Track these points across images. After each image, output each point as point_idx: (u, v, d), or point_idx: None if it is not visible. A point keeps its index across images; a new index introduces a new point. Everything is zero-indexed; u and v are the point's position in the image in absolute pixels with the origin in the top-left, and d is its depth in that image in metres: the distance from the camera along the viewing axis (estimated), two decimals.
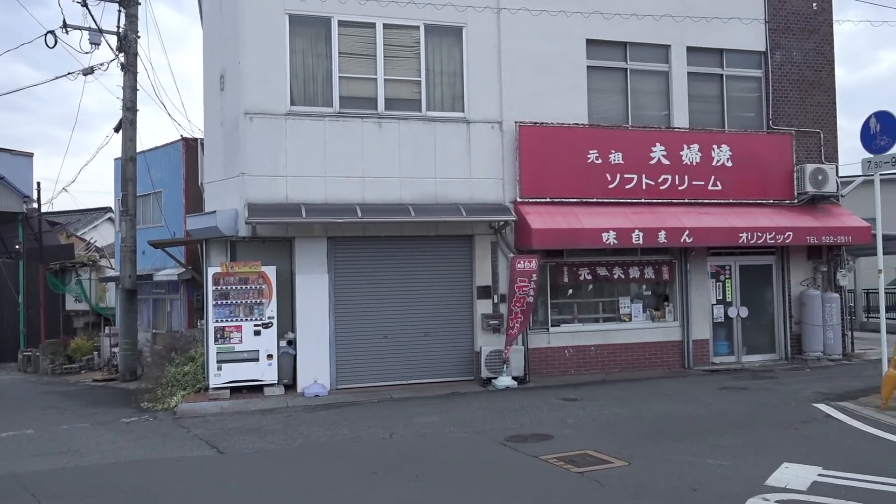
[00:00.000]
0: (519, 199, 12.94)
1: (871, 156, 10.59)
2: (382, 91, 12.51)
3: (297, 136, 12.03)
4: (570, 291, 13.75)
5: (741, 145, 14.23)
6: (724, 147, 14.11)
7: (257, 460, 7.65)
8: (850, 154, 36.86)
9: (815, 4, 15.25)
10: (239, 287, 11.69)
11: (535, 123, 13.08)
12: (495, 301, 12.95)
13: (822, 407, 9.48)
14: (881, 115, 10.42)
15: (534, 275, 12.09)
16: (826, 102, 15.20)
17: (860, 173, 12.01)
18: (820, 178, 14.34)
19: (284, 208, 11.69)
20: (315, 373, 11.95)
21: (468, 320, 12.97)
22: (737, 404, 9.85)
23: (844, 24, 20.00)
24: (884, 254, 20.93)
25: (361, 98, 12.49)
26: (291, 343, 12.12)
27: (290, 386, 12.06)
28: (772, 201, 14.42)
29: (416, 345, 12.68)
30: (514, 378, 12.40)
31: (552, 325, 13.42)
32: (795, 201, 14.55)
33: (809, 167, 14.34)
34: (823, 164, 14.65)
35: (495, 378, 12.33)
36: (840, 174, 15.44)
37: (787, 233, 13.67)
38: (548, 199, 13.05)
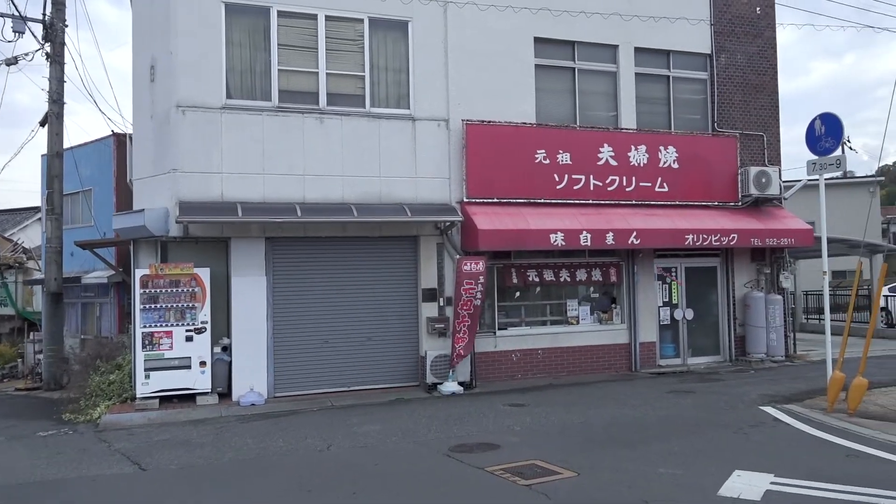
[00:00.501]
0: (465, 200, 12.60)
1: (816, 157, 10.60)
2: (324, 86, 12.01)
3: (233, 131, 11.43)
4: (518, 294, 13.48)
5: (687, 147, 14.21)
6: (671, 149, 14.06)
7: (181, 478, 7.08)
8: (787, 160, 37.78)
9: (758, 9, 15.36)
10: (169, 290, 11.02)
11: (483, 122, 12.76)
12: (441, 304, 12.58)
13: (770, 410, 9.39)
14: (826, 118, 10.43)
15: (481, 277, 11.76)
16: (769, 106, 15.33)
17: (798, 177, 12.26)
18: (763, 180, 14.42)
19: (219, 207, 11.07)
20: (251, 380, 11.36)
21: (413, 324, 12.56)
22: (685, 408, 9.69)
23: (778, 34, 20.27)
24: (833, 255, 21.33)
25: (302, 92, 11.97)
26: (226, 349, 11.51)
27: (225, 394, 11.44)
28: (717, 203, 14.43)
29: (358, 350, 12.20)
30: (461, 383, 12.05)
31: (499, 329, 13.12)
32: (739, 204, 14.60)
33: (753, 170, 14.41)
34: (767, 166, 14.75)
35: (441, 384, 11.96)
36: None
37: (732, 235, 13.69)
38: (495, 200, 12.75)
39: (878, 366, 12.46)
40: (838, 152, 10.30)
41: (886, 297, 21.53)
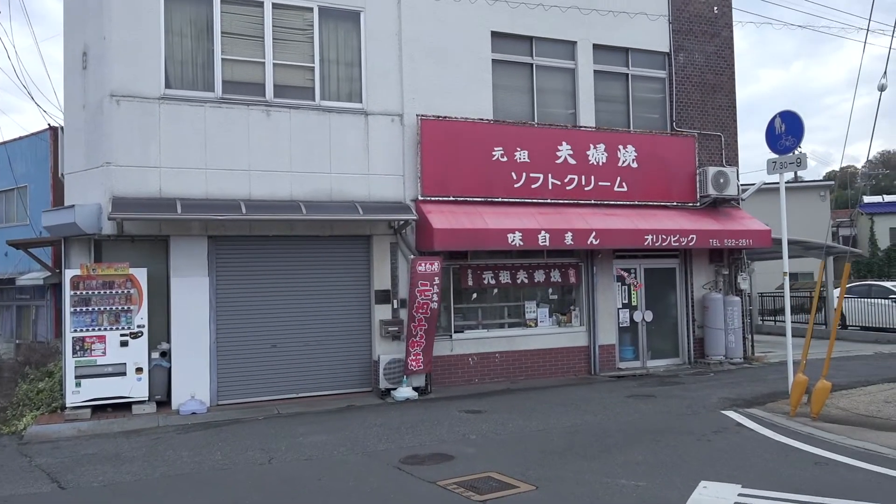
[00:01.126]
0: (420, 198, 12.13)
1: (777, 156, 10.42)
2: (271, 76, 11.42)
3: (173, 122, 10.76)
4: (475, 296, 13.05)
5: (646, 146, 13.99)
6: (630, 148, 13.82)
7: (103, 497, 6.44)
8: (740, 164, 38.14)
9: (715, 8, 15.25)
10: (102, 292, 10.29)
11: (438, 117, 12.31)
12: (395, 306, 12.08)
13: (732, 415, 9.13)
14: (786, 116, 10.26)
15: (436, 278, 11.30)
16: (726, 106, 15.23)
17: (751, 181, 12.14)
18: (722, 180, 14.28)
19: (156, 203, 10.39)
20: (193, 387, 10.69)
21: (366, 327, 12.04)
22: (646, 414, 9.37)
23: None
24: (777, 258, 21.35)
25: (248, 83, 11.35)
26: (165, 354, 10.81)
27: (165, 403, 10.75)
28: (675, 204, 14.25)
29: (308, 354, 11.62)
30: (415, 389, 11.57)
31: (455, 332, 12.67)
32: (698, 204, 14.44)
33: (711, 170, 14.26)
34: (725, 167, 14.61)
35: (395, 389, 11.46)
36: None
37: (691, 235, 13.50)
38: (451, 198, 12.31)
39: (836, 367, 12.33)
40: (798, 151, 10.13)
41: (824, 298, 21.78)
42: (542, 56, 13.59)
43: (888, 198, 45.63)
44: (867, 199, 46.46)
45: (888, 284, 22.43)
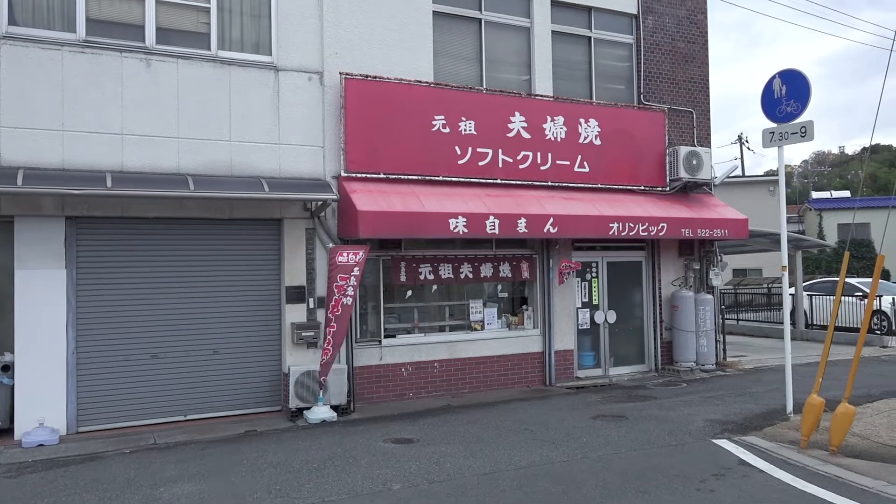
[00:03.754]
0: (344, 174, 9.95)
1: (775, 125, 8.59)
2: (153, 17, 9.06)
3: (18, 69, 8.31)
4: (410, 293, 10.94)
5: (610, 121, 12.08)
6: (592, 122, 11.89)
7: None
8: None
9: None
10: None
11: (367, 77, 10.13)
12: (311, 306, 9.87)
13: (728, 446, 7.24)
14: (788, 76, 8.44)
15: (355, 269, 9.13)
16: (699, 78, 13.45)
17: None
18: (695, 162, 12.50)
19: None
20: (42, 411, 8.29)
21: (274, 332, 9.80)
22: (621, 446, 7.41)
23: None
24: (744, 251, 19.83)
25: (122, 24, 8.98)
26: (7, 368, 8.39)
27: (7, 430, 8.34)
28: (643, 188, 12.40)
29: (200, 366, 9.34)
30: (334, 407, 9.41)
31: (386, 337, 10.53)
32: (667, 189, 12.63)
33: (683, 150, 12.45)
34: (697, 147, 12.83)
35: (309, 408, 9.27)
36: None
37: (662, 224, 11.66)
38: (381, 175, 10.16)
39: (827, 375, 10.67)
40: (804, 117, 8.31)
41: (793, 295, 20.42)
42: (492, 11, 11.53)
43: (836, 194, 45.39)
44: (815, 194, 46.17)
45: (853, 281, 21.23)
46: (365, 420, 9.20)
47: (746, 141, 50.64)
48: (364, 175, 10.05)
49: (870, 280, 21.44)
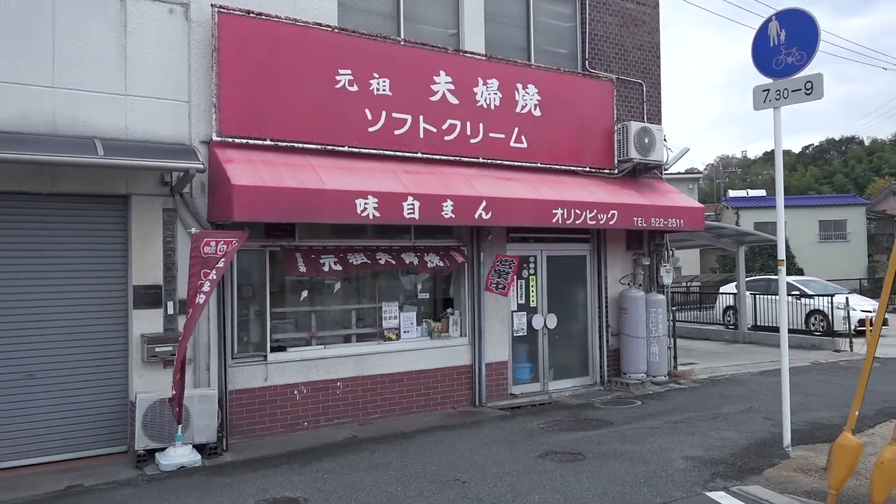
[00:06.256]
0: (218, 139, 7.56)
1: (770, 81, 6.79)
2: None
3: None
4: (306, 294, 8.65)
5: (552, 88, 10.14)
6: (531, 88, 9.91)
7: None
8: None
9: None
10: None
11: (249, 14, 7.77)
12: (170, 312, 7.44)
13: (729, 503, 5.34)
14: (788, 17, 6.66)
15: (220, 262, 6.77)
16: (649, 46, 11.71)
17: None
18: (647, 140, 10.73)
19: None
20: None
21: (118, 348, 7.32)
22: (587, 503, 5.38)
23: None
24: (688, 246, 18.37)
25: None
26: None
27: None
28: (588, 169, 10.53)
29: (8, 396, 6.76)
30: (200, 447, 7.04)
31: (274, 350, 8.20)
32: (615, 171, 10.81)
33: (634, 126, 10.66)
34: (649, 123, 11.07)
35: (163, 450, 6.86)
36: None
37: (612, 211, 9.81)
38: (269, 142, 7.83)
39: (796, 389, 9.06)
40: (808, 70, 6.53)
41: (732, 294, 19.24)
42: None
43: (753, 192, 45.58)
44: (732, 193, 46.28)
45: (790, 279, 20.24)
46: (239, 465, 6.86)
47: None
48: (245, 141, 7.69)
49: (808, 279, 20.56)
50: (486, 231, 9.61)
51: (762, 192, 47.15)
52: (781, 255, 6.71)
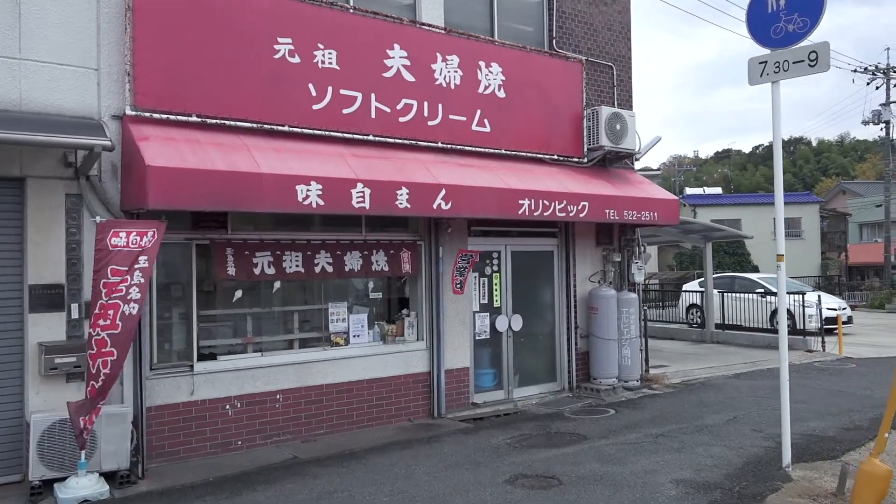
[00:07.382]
0: (132, 113, 6.45)
1: (768, 52, 6.00)
2: None
3: None
4: (240, 294, 7.59)
5: (517, 68, 9.26)
6: (495, 67, 9.01)
7: None
8: None
9: None
10: None
11: None
12: (74, 316, 6.31)
13: None
14: None
15: (141, 259, 5.70)
16: (620, 26, 10.93)
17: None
18: (618, 127, 9.93)
19: None
20: None
21: (13, 358, 6.17)
22: None
23: None
24: (660, 242, 17.68)
25: None
26: None
27: None
28: (556, 157, 9.68)
29: None
30: (110, 475, 5.95)
31: (202, 359, 7.11)
32: (585, 160, 9.98)
33: (605, 111, 9.84)
34: (620, 109, 10.27)
35: (64, 480, 5.76)
36: None
37: (582, 203, 8.97)
38: (195, 119, 6.75)
39: (772, 394, 8.27)
40: (810, 39, 5.76)
41: (695, 292, 18.71)
42: None
43: (709, 190, 45.71)
44: (689, 190, 46.32)
45: (754, 276, 19.81)
46: (156, 496, 5.79)
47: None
48: (165, 116, 6.60)
49: (773, 276, 20.14)
50: (446, 224, 8.67)
51: (718, 190, 47.38)
52: (781, 249, 5.97)
